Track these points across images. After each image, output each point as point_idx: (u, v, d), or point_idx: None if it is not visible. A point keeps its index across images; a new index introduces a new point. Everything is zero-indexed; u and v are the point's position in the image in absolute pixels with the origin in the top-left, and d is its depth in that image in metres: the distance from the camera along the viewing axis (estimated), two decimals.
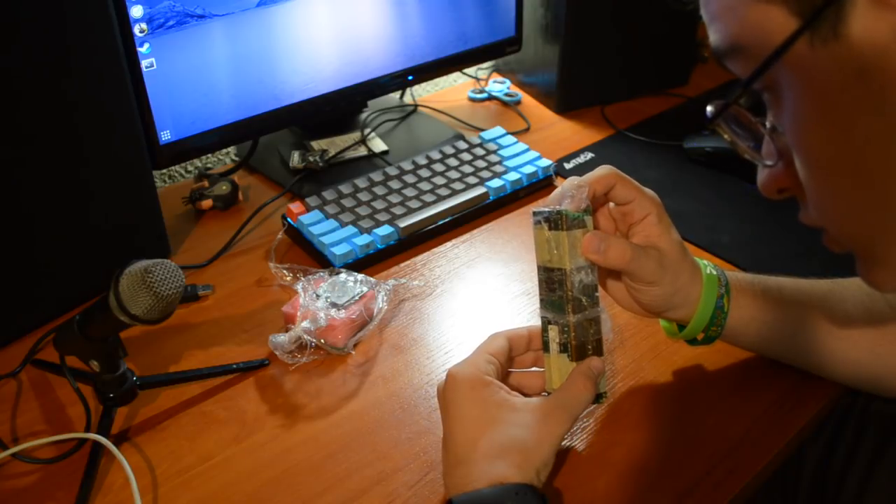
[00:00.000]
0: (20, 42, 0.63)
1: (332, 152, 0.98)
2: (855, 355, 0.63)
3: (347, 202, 0.86)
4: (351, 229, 0.82)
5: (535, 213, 0.57)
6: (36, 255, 0.70)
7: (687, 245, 0.88)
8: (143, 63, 0.77)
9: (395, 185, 0.89)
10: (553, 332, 0.57)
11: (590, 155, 1.03)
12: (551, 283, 0.57)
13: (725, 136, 0.43)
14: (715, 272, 0.63)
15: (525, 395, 0.59)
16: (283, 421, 0.65)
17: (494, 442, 0.52)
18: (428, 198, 0.87)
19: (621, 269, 0.59)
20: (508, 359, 0.60)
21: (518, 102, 1.17)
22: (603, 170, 0.58)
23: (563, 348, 0.57)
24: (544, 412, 0.54)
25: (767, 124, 0.42)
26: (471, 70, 1.22)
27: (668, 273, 0.59)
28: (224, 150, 1.07)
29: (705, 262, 0.64)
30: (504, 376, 0.60)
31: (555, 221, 0.56)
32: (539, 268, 0.58)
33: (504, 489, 0.49)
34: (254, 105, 0.88)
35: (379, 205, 0.86)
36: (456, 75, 1.22)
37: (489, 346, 0.59)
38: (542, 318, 0.58)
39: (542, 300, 0.58)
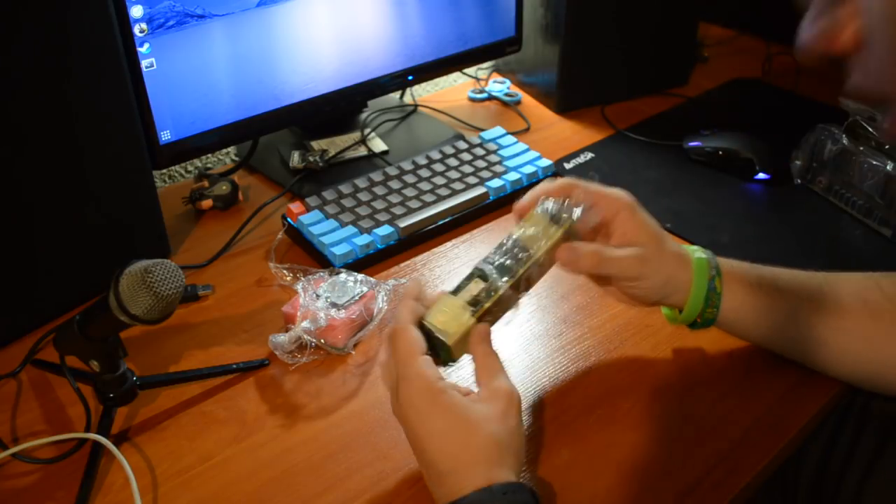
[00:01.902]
0: (20, 42, 0.63)
1: (332, 152, 0.98)
2: (850, 345, 0.63)
3: (347, 202, 0.86)
4: (351, 229, 0.82)
5: (544, 200, 0.60)
6: (36, 254, 0.70)
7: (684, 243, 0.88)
8: (143, 63, 0.77)
9: (395, 185, 0.89)
10: (475, 286, 0.57)
11: (590, 155, 1.03)
12: (513, 255, 0.59)
13: None
14: (704, 255, 0.64)
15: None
16: (283, 421, 0.65)
17: (471, 446, 0.51)
18: (428, 198, 0.87)
19: (596, 272, 0.61)
20: None
21: (518, 102, 1.17)
22: (562, 180, 0.62)
23: (473, 303, 0.57)
24: (496, 400, 0.53)
25: None
26: (471, 70, 1.22)
27: (649, 266, 0.61)
28: (224, 150, 1.07)
29: (694, 247, 0.65)
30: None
31: (558, 220, 0.60)
32: (511, 236, 0.60)
33: (490, 491, 0.49)
34: (254, 105, 0.88)
35: (379, 205, 0.86)
36: (456, 75, 1.22)
37: (415, 347, 0.54)
38: (477, 269, 0.58)
39: (490, 258, 0.59)
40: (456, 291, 0.58)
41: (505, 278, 0.58)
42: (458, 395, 0.53)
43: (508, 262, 0.58)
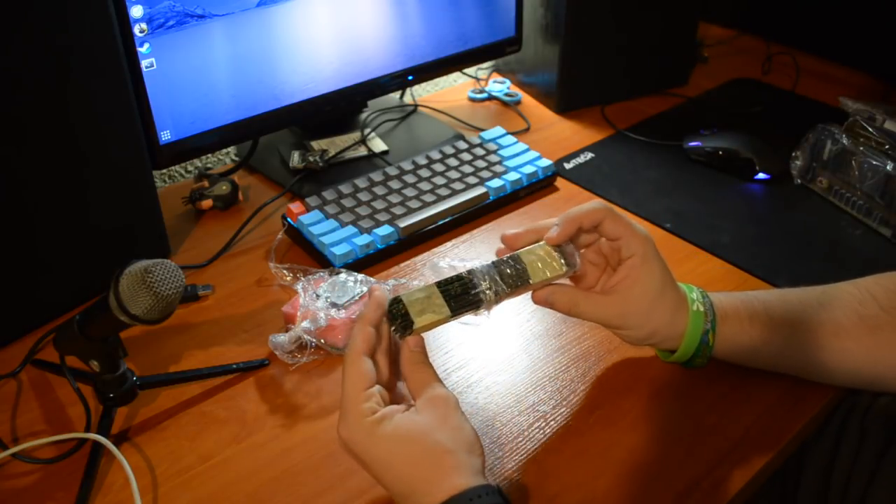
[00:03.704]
0: (20, 42, 0.63)
1: (332, 152, 0.98)
2: (852, 364, 0.63)
3: (347, 202, 0.86)
4: (351, 229, 0.82)
5: (567, 249, 0.60)
6: (36, 255, 0.70)
7: (687, 246, 0.88)
8: (143, 63, 0.77)
9: (395, 185, 0.89)
10: (471, 313, 0.57)
11: (590, 155, 1.03)
12: (514, 275, 0.59)
13: None
14: (703, 308, 0.63)
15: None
16: (283, 421, 0.65)
17: (420, 463, 0.50)
18: (428, 198, 0.87)
19: (570, 315, 0.63)
20: (381, 363, 0.57)
21: (518, 102, 1.17)
22: (594, 204, 0.61)
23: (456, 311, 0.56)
24: (432, 407, 0.53)
25: None
26: (471, 70, 1.22)
27: (634, 319, 0.62)
28: (224, 150, 1.07)
29: (694, 295, 0.64)
30: (389, 377, 0.57)
31: (570, 264, 0.60)
32: (520, 260, 0.59)
33: (456, 500, 0.48)
34: (254, 105, 0.88)
35: (379, 205, 0.86)
36: (456, 75, 1.22)
37: (358, 383, 0.53)
38: (477, 275, 0.57)
39: (492, 270, 0.58)
40: (446, 286, 0.57)
41: (495, 296, 0.58)
42: (396, 417, 0.52)
43: (504, 284, 0.58)
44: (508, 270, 0.59)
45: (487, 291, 0.57)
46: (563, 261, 0.60)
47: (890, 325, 0.62)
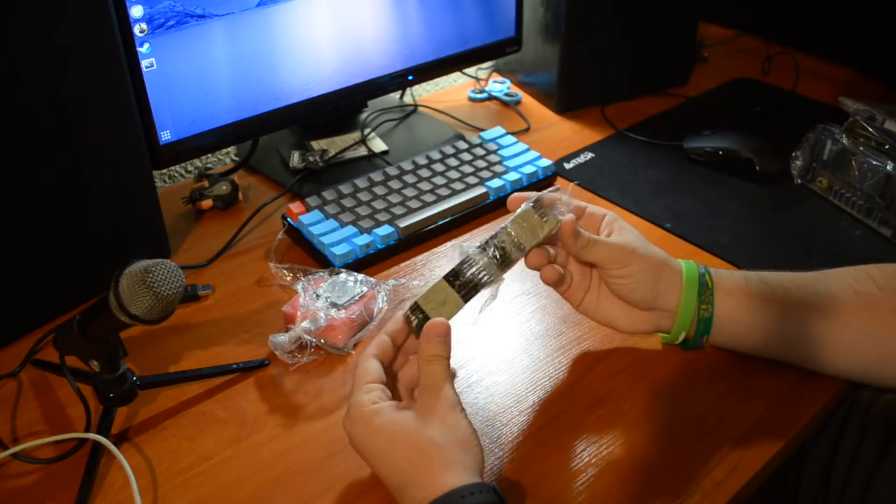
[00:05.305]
0: (20, 42, 0.63)
1: (332, 152, 0.98)
2: (849, 339, 0.62)
3: (347, 202, 0.86)
4: (351, 229, 0.82)
5: (536, 200, 0.62)
6: (36, 255, 0.70)
7: (687, 246, 0.88)
8: (143, 63, 0.77)
9: (395, 185, 0.89)
10: (458, 266, 0.60)
11: (590, 155, 1.03)
12: (496, 232, 0.62)
13: None
14: (691, 262, 0.67)
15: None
16: (283, 421, 0.65)
17: (413, 458, 0.51)
18: (428, 198, 0.87)
19: (586, 256, 0.63)
20: (390, 365, 0.59)
21: (518, 102, 1.17)
22: (546, 193, 0.64)
23: (453, 275, 0.60)
24: (429, 406, 0.53)
25: None
26: (471, 70, 1.22)
27: (637, 255, 0.63)
28: (224, 150, 1.07)
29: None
30: (394, 383, 0.59)
31: (543, 214, 0.63)
32: (505, 231, 0.62)
33: (447, 498, 0.48)
34: (254, 105, 0.88)
35: (379, 205, 0.86)
36: (456, 75, 1.22)
37: (362, 378, 0.56)
38: (461, 250, 0.61)
39: (490, 250, 0.61)
40: (454, 279, 0.60)
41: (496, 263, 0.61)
42: (394, 412, 0.53)
43: (488, 237, 0.62)
44: (505, 245, 0.62)
45: (496, 267, 0.61)
46: (544, 219, 0.62)
47: (887, 304, 0.62)
